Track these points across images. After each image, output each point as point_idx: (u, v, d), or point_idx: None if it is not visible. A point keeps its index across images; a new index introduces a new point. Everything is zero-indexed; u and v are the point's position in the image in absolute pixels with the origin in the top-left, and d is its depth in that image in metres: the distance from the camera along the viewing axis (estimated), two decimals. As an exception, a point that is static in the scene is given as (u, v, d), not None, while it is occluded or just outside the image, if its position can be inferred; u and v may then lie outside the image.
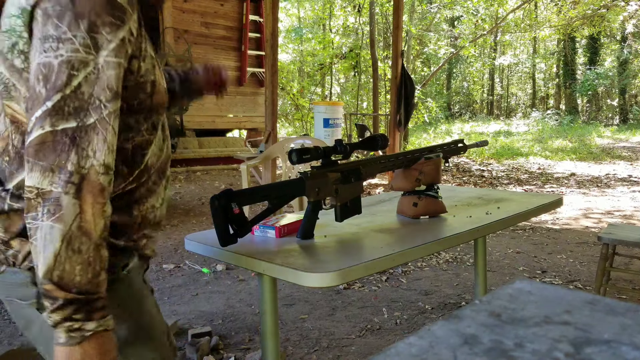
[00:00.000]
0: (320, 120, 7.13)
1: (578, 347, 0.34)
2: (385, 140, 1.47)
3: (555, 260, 3.76)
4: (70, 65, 0.78)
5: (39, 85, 0.78)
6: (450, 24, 21.15)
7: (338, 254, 1.24)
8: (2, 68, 0.88)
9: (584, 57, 23.88)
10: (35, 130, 0.77)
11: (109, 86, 0.81)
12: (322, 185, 1.35)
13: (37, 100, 0.78)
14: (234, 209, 1.19)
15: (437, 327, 0.38)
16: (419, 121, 15.76)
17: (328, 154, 1.38)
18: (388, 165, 1.53)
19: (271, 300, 1.25)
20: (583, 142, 13.94)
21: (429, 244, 1.29)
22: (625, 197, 6.43)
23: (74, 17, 0.79)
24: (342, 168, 1.41)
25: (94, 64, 0.80)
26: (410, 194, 1.58)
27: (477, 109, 27.09)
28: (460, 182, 7.58)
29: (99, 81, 0.80)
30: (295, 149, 1.27)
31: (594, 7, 15.10)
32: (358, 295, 3.02)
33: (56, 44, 0.78)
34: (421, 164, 1.56)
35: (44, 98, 0.78)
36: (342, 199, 1.40)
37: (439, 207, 1.59)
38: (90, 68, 0.79)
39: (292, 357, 2.31)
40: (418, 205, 1.55)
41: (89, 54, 0.79)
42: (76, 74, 0.78)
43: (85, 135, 0.79)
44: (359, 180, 1.45)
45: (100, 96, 0.80)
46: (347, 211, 1.43)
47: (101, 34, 0.80)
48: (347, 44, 15.18)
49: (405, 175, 1.57)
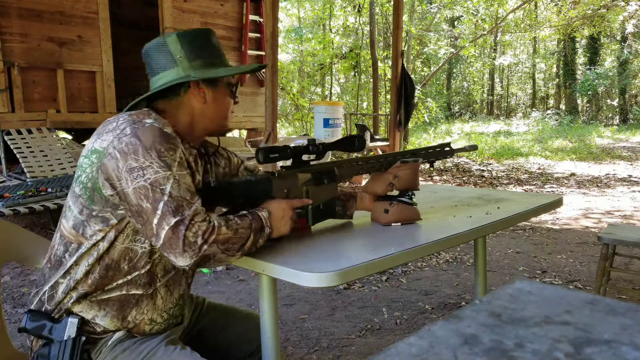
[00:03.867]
0: (320, 120, 7.12)
1: (578, 347, 0.34)
2: (362, 141, 1.41)
3: (555, 260, 3.76)
4: (157, 182, 1.07)
5: (143, 203, 1.07)
6: (450, 24, 21.14)
7: (338, 254, 1.23)
8: (69, 194, 1.19)
9: (584, 57, 23.87)
10: (161, 232, 1.07)
11: (189, 189, 1.11)
12: (291, 186, 1.29)
13: (147, 213, 1.07)
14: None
15: (437, 327, 0.38)
16: (419, 121, 15.76)
17: (299, 154, 1.32)
18: (365, 167, 1.46)
19: (271, 300, 1.25)
20: (583, 142, 13.94)
21: (429, 244, 1.29)
22: (625, 197, 6.43)
23: (145, 150, 1.08)
24: (314, 169, 1.35)
25: (172, 177, 1.09)
26: (383, 199, 1.48)
27: (477, 109, 27.08)
28: (460, 182, 7.58)
29: (181, 187, 1.09)
30: (263, 148, 1.24)
31: (594, 7, 15.10)
32: (358, 295, 3.02)
33: (142, 172, 1.07)
34: (397, 167, 1.46)
35: (152, 210, 1.07)
36: (314, 201, 1.34)
37: (412, 215, 1.47)
38: (172, 180, 1.08)
39: (292, 357, 2.31)
40: (389, 211, 1.45)
41: (166, 172, 1.08)
42: (165, 187, 1.07)
43: (189, 221, 1.07)
44: (333, 182, 1.38)
45: (187, 196, 1.09)
46: (319, 214, 1.36)
47: (167, 157, 1.10)
48: (347, 44, 15.18)
49: (379, 178, 1.47)
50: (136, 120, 1.13)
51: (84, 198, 1.14)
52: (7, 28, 5.61)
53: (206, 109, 1.26)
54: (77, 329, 1.15)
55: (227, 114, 1.32)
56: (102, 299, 1.18)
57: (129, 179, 1.08)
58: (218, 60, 1.27)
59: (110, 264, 1.17)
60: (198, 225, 1.08)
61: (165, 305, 1.25)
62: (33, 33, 5.74)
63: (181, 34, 1.24)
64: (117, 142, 1.10)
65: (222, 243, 1.11)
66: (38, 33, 5.79)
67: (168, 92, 1.24)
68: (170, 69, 1.22)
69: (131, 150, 1.08)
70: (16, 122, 5.38)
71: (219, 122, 1.30)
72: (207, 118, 1.27)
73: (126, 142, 1.09)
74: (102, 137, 1.13)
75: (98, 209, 1.14)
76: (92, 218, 1.15)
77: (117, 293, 1.18)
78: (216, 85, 1.27)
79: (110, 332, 1.19)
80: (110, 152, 1.10)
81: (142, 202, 1.08)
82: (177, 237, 1.07)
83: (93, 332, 1.18)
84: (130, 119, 1.14)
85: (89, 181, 1.13)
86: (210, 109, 1.27)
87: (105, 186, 1.11)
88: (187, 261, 1.09)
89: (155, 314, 1.23)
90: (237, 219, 1.16)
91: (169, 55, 1.22)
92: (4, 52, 5.52)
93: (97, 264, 1.16)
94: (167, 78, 1.22)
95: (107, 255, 1.16)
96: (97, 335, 1.18)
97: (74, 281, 1.16)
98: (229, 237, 1.12)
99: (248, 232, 1.15)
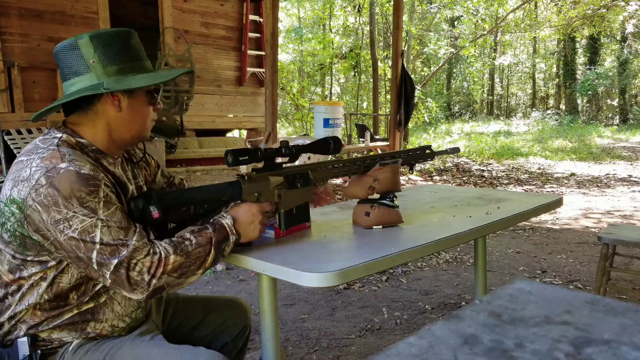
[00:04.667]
0: (320, 120, 7.11)
1: (578, 347, 0.34)
2: (339, 143, 1.36)
3: (555, 260, 3.76)
4: (86, 232, 1.03)
5: (78, 252, 1.04)
6: (450, 24, 21.14)
7: (338, 254, 1.24)
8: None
9: (584, 57, 23.86)
10: (105, 275, 1.05)
11: (121, 227, 1.06)
12: (262, 189, 1.25)
13: (85, 261, 1.05)
14: (153, 213, 1.12)
15: (437, 327, 0.38)
16: (419, 121, 15.75)
17: (271, 156, 1.27)
18: (342, 170, 1.42)
19: (271, 300, 1.25)
20: (583, 142, 13.93)
21: (429, 244, 1.29)
22: (625, 197, 6.43)
23: (65, 200, 1.02)
24: (287, 172, 1.30)
25: (100, 222, 1.04)
26: (364, 202, 1.46)
27: (477, 109, 27.07)
28: (460, 182, 7.58)
29: (112, 229, 1.05)
30: (232, 149, 1.19)
31: (594, 7, 15.09)
32: (358, 295, 3.02)
33: (67, 223, 1.03)
34: (376, 170, 1.44)
35: (87, 259, 1.04)
36: (287, 205, 1.30)
37: (394, 217, 1.45)
38: (100, 225, 1.04)
39: (292, 357, 2.31)
40: (370, 214, 1.43)
41: (92, 218, 1.04)
42: (94, 235, 1.03)
43: (128, 262, 1.05)
44: (307, 185, 1.34)
45: (120, 236, 1.05)
46: (292, 219, 1.32)
47: (90, 201, 1.04)
48: (347, 44, 15.18)
49: (359, 182, 1.45)
50: (49, 167, 1.04)
51: (15, 244, 1.09)
52: (7, 28, 5.61)
53: (122, 118, 1.17)
54: (29, 346, 1.11)
55: (145, 123, 1.22)
56: (54, 325, 1.13)
57: (56, 231, 1.03)
58: (138, 64, 1.18)
59: (58, 297, 1.12)
60: (142, 263, 1.05)
61: (126, 309, 1.20)
62: (33, 33, 5.74)
63: (95, 35, 1.13)
64: (34, 194, 1.03)
65: (173, 271, 1.08)
66: (38, 33, 5.79)
67: (82, 102, 1.14)
68: (83, 75, 1.13)
69: (51, 202, 1.03)
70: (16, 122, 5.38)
71: (136, 132, 1.21)
72: (123, 128, 1.18)
73: (44, 194, 1.03)
74: (18, 186, 1.06)
75: (33, 254, 1.09)
76: (28, 262, 1.10)
77: (69, 315, 1.13)
78: (133, 92, 1.17)
79: (69, 343, 1.15)
80: (31, 204, 1.04)
81: (77, 252, 1.04)
82: (121, 279, 1.05)
83: (50, 344, 1.14)
84: (43, 165, 1.05)
85: (16, 230, 1.08)
86: (126, 118, 1.17)
87: (37, 236, 1.06)
88: (140, 296, 1.07)
89: (115, 320, 1.18)
90: (192, 238, 1.12)
91: (82, 59, 1.12)
92: (4, 52, 5.52)
93: (41, 300, 1.11)
94: (79, 85, 1.13)
95: (51, 292, 1.11)
96: (54, 346, 1.14)
97: (20, 320, 1.12)
98: (180, 263, 1.08)
99: (207, 249, 1.12)
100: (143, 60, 1.20)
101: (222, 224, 1.17)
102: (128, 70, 1.16)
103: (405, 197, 1.99)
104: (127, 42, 1.17)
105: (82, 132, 1.16)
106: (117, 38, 1.15)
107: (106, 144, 1.18)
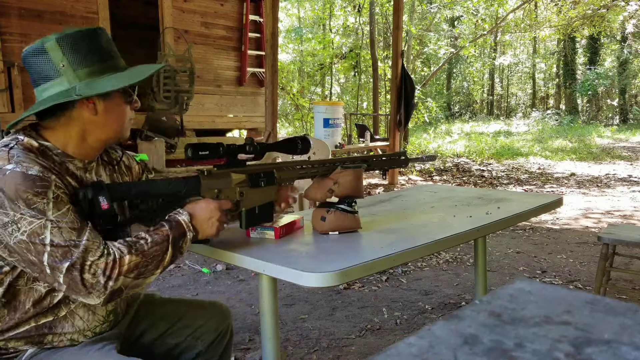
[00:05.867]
0: (320, 120, 7.12)
1: (578, 347, 0.34)
2: (307, 143, 1.32)
3: (555, 260, 3.76)
4: (35, 234, 0.99)
5: (29, 256, 1.00)
6: (450, 24, 21.14)
7: (338, 254, 1.23)
8: None
9: (584, 57, 23.86)
10: (59, 280, 1.01)
11: (73, 227, 1.02)
12: (223, 186, 1.21)
13: (37, 264, 1.01)
14: (102, 203, 1.07)
15: (437, 327, 0.38)
16: (419, 121, 15.76)
17: (233, 152, 1.23)
18: (309, 171, 1.38)
19: (271, 300, 1.25)
20: (583, 142, 13.93)
21: (429, 244, 1.29)
22: (625, 197, 6.43)
23: (11, 202, 0.99)
24: (250, 170, 1.26)
25: (49, 223, 1.00)
26: (322, 206, 1.40)
27: (477, 109, 27.07)
28: (460, 182, 7.58)
29: (62, 230, 1.01)
30: (192, 144, 1.15)
31: (594, 7, 15.09)
32: (358, 295, 3.02)
33: (15, 226, 0.99)
34: (338, 173, 1.39)
35: (39, 262, 1.00)
36: (249, 204, 1.26)
37: (351, 223, 1.39)
38: (50, 226, 1.00)
39: (292, 357, 2.31)
40: (326, 219, 1.37)
41: (40, 219, 1.00)
42: (44, 237, 0.99)
43: (81, 264, 1.01)
44: (271, 185, 1.29)
45: (72, 237, 1.01)
46: (253, 218, 1.28)
47: (38, 202, 1.00)
48: (347, 44, 15.18)
49: (320, 184, 1.39)
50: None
51: None
52: (7, 28, 5.61)
53: (98, 121, 1.14)
54: None
55: (122, 124, 1.19)
56: (9, 337, 1.10)
57: (5, 234, 1.00)
58: (110, 63, 1.14)
59: (12, 306, 1.09)
60: (96, 264, 1.01)
61: (89, 324, 1.16)
62: (33, 33, 5.74)
63: (62, 37, 1.09)
64: None
65: (130, 272, 1.04)
66: (38, 33, 5.78)
67: (55, 108, 1.10)
68: (53, 80, 1.09)
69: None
70: (16, 122, 5.37)
71: (114, 134, 1.18)
72: (100, 130, 1.15)
73: None
74: None
75: None
76: None
77: (25, 328, 1.10)
78: (109, 94, 1.13)
79: (23, 351, 1.11)
80: None
81: (28, 255, 1.00)
82: (75, 282, 1.00)
83: (5, 353, 1.11)
84: None
85: None
86: (103, 121, 1.14)
87: None
88: (97, 300, 1.03)
89: (75, 334, 1.14)
90: (148, 237, 1.08)
91: (51, 63, 1.09)
92: (4, 52, 5.52)
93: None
94: (51, 90, 1.10)
95: (4, 300, 1.08)
96: (9, 355, 1.11)
97: None
98: (137, 263, 1.05)
99: (164, 246, 1.09)
100: (115, 58, 1.16)
101: (179, 221, 1.13)
102: (100, 71, 1.12)
103: (405, 197, 1.99)
104: (95, 41, 1.13)
105: (53, 136, 1.13)
106: (85, 39, 1.11)
107: (79, 149, 1.15)
